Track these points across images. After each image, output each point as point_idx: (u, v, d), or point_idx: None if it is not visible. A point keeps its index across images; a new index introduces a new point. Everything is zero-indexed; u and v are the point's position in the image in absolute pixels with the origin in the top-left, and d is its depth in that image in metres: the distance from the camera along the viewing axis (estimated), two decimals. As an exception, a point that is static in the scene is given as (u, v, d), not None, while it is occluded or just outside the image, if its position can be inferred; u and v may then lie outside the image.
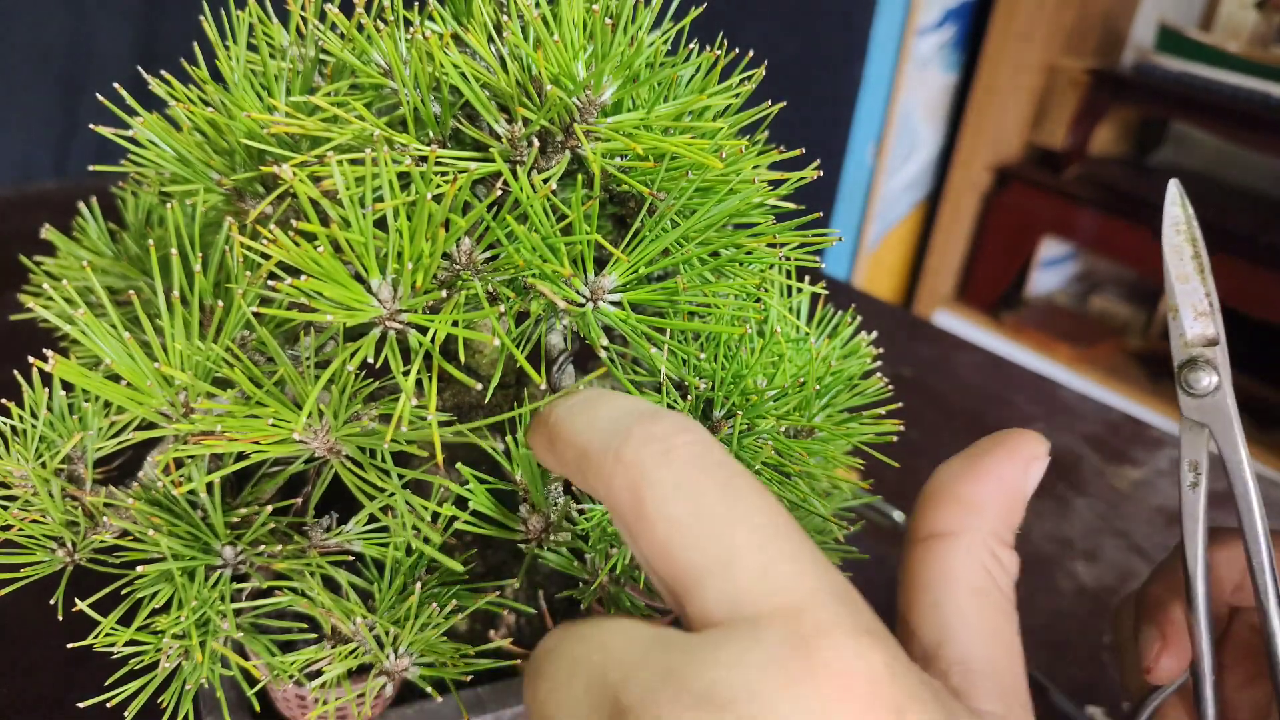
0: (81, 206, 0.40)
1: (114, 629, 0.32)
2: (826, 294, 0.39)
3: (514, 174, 0.31)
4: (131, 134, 0.34)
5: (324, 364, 0.30)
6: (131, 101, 0.35)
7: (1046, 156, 1.99)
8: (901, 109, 1.89)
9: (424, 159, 0.30)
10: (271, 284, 0.27)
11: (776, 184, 0.35)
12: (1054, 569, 0.69)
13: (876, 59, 1.81)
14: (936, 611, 0.25)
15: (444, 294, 0.30)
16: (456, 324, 0.28)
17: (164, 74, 0.34)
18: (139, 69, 0.37)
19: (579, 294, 0.30)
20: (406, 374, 0.27)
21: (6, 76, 1.13)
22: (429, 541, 0.32)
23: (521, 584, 0.33)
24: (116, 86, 0.37)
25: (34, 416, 0.33)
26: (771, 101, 0.37)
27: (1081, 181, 1.90)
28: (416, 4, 0.33)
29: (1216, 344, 0.34)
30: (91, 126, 0.35)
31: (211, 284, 0.34)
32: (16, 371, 0.34)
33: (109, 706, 0.32)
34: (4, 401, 0.33)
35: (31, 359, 0.30)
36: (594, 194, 0.30)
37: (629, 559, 0.34)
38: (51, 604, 0.33)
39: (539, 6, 0.31)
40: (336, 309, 0.27)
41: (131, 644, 0.32)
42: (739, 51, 0.36)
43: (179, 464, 0.33)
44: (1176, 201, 0.34)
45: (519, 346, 0.31)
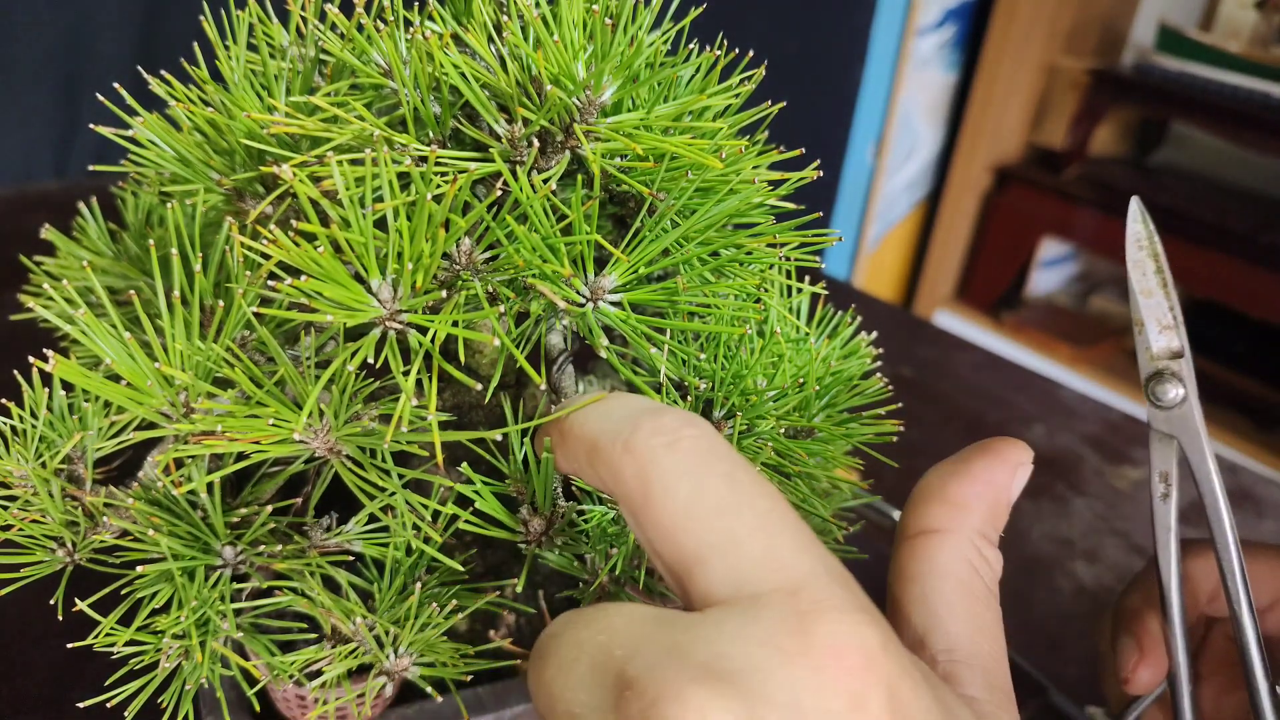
0: (81, 206, 0.40)
1: (114, 629, 0.32)
2: (826, 294, 0.39)
3: (514, 174, 0.31)
4: (131, 134, 0.34)
5: (324, 364, 0.30)
6: (131, 101, 0.35)
7: (1046, 156, 1.99)
8: (901, 109, 1.89)
9: (424, 159, 0.30)
10: (271, 284, 0.27)
11: (776, 184, 0.35)
12: (1054, 569, 0.69)
13: (876, 59, 1.81)
14: (924, 603, 0.27)
15: (444, 294, 0.30)
16: (456, 324, 0.28)
17: (164, 74, 0.34)
18: (139, 69, 0.37)
19: (579, 294, 0.30)
20: (406, 374, 0.27)
21: (6, 76, 1.13)
22: (429, 541, 0.32)
23: (522, 585, 0.33)
24: (116, 86, 0.37)
25: (34, 416, 0.33)
26: (771, 101, 0.37)
27: (1081, 181, 1.90)
28: (416, 4, 0.33)
29: (1182, 356, 0.34)
30: (91, 126, 0.35)
31: (211, 284, 0.34)
32: (16, 371, 0.34)
33: (109, 706, 0.32)
34: (4, 401, 0.33)
35: (31, 359, 0.30)
36: (594, 194, 0.30)
37: (628, 559, 0.34)
38: (51, 604, 0.33)
39: (539, 6, 0.31)
40: (336, 309, 0.27)
41: (131, 644, 0.32)
42: (739, 51, 0.36)
43: (179, 464, 0.33)
44: (1138, 218, 0.35)
45: (519, 346, 0.31)
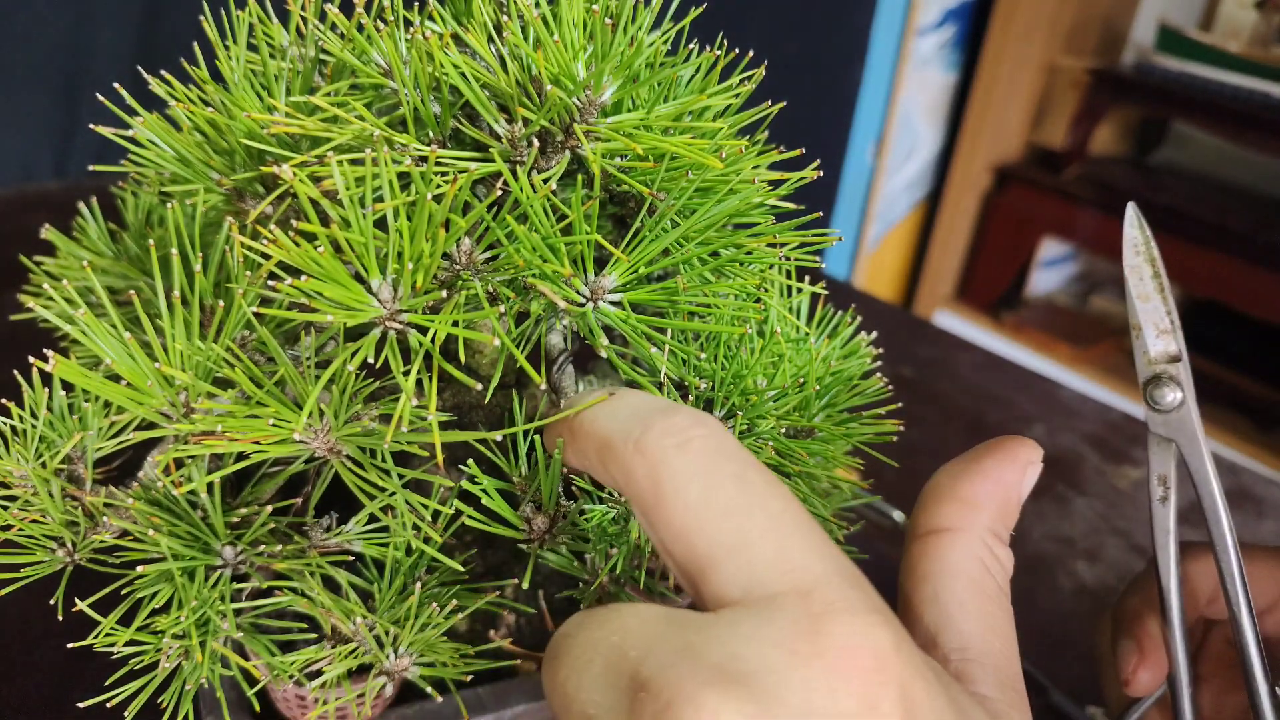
0: (81, 206, 0.40)
1: (114, 629, 0.32)
2: (826, 294, 0.39)
3: (514, 174, 0.31)
4: (131, 134, 0.34)
5: (324, 364, 0.30)
6: (131, 101, 0.35)
7: (1046, 156, 1.99)
8: (901, 109, 1.89)
9: (424, 159, 0.30)
10: (272, 284, 0.27)
11: (776, 184, 0.35)
12: (1055, 568, 0.69)
13: (876, 59, 1.81)
14: (936, 602, 0.27)
15: (444, 294, 0.30)
16: (456, 324, 0.28)
17: (164, 74, 0.34)
18: (139, 69, 0.37)
19: (579, 294, 0.30)
20: (406, 374, 0.27)
21: (6, 76, 1.13)
22: (429, 541, 0.32)
23: (527, 583, 0.33)
24: (116, 86, 0.37)
25: (34, 416, 0.33)
26: (771, 101, 0.37)
27: (1081, 181, 1.90)
28: (416, 4, 0.33)
29: (1179, 360, 0.34)
30: (91, 126, 0.35)
31: (212, 284, 0.34)
32: (16, 371, 0.34)
33: (109, 706, 0.32)
34: (4, 401, 0.33)
35: (31, 359, 0.30)
36: (594, 194, 0.30)
37: (628, 559, 0.34)
38: (51, 604, 0.33)
39: (539, 6, 0.31)
40: (337, 309, 0.27)
41: (131, 644, 0.32)
42: (739, 51, 0.36)
43: (179, 464, 0.33)
44: (1134, 224, 0.35)
45: (519, 346, 0.31)
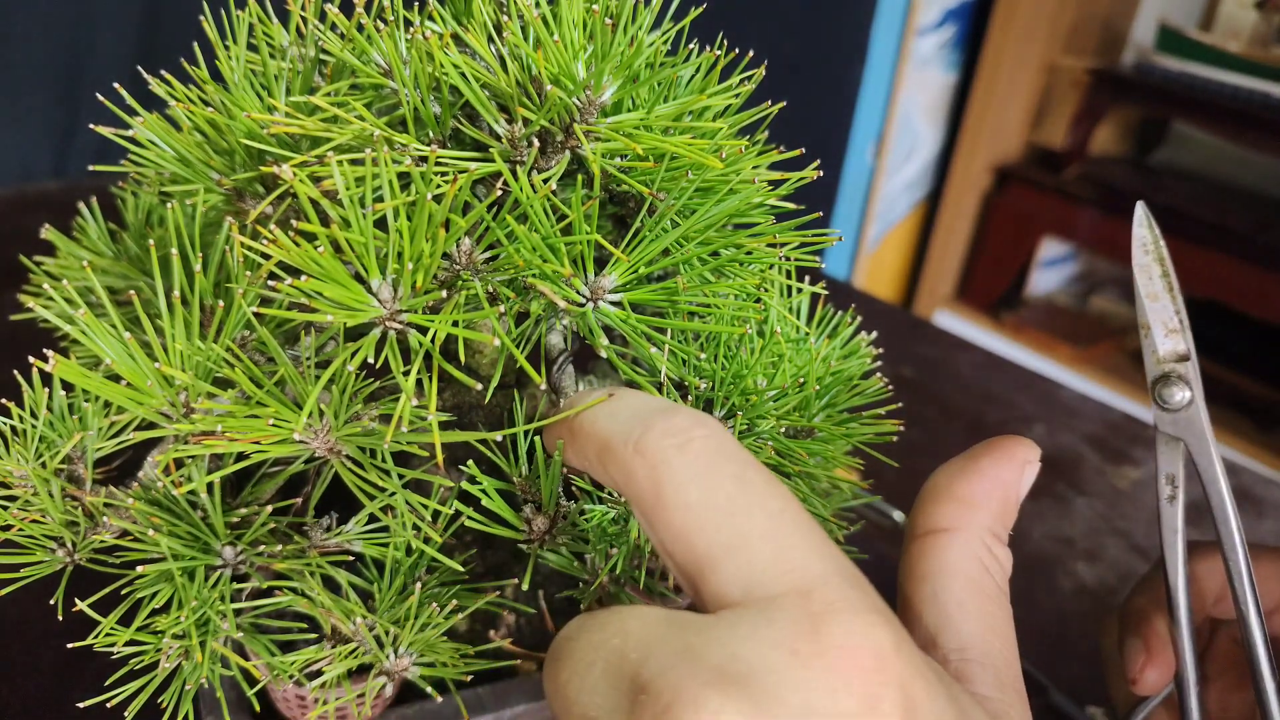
0: (81, 206, 0.40)
1: (114, 629, 0.32)
2: (826, 294, 0.39)
3: (514, 174, 0.31)
4: (131, 134, 0.34)
5: (324, 364, 0.30)
6: (131, 101, 0.35)
7: (1046, 156, 1.99)
8: (901, 109, 1.89)
9: (424, 159, 0.30)
10: (272, 284, 0.27)
11: (776, 184, 0.35)
12: (1055, 568, 0.69)
13: (876, 59, 1.81)
14: (935, 602, 0.27)
15: (444, 294, 0.30)
16: (456, 324, 0.28)
17: (164, 74, 0.34)
18: (139, 69, 0.37)
19: (579, 294, 0.30)
20: (406, 374, 0.27)
21: (6, 76, 1.13)
22: (429, 541, 0.32)
23: (527, 584, 0.33)
24: (116, 86, 0.37)
25: (34, 416, 0.33)
26: (771, 101, 0.37)
27: (1081, 181, 1.90)
28: (416, 4, 0.33)
29: (1188, 359, 0.34)
30: (91, 126, 0.35)
31: (212, 284, 0.34)
32: (16, 371, 0.34)
33: (109, 706, 0.32)
34: (4, 401, 0.33)
35: (31, 359, 0.30)
36: (594, 194, 0.30)
37: (628, 559, 0.34)
38: (51, 604, 0.33)
39: (539, 6, 0.31)
40: (336, 309, 0.27)
41: (131, 644, 0.32)
42: (739, 51, 0.36)
43: (179, 464, 0.33)
44: (1143, 223, 0.35)
45: (519, 346, 0.31)
